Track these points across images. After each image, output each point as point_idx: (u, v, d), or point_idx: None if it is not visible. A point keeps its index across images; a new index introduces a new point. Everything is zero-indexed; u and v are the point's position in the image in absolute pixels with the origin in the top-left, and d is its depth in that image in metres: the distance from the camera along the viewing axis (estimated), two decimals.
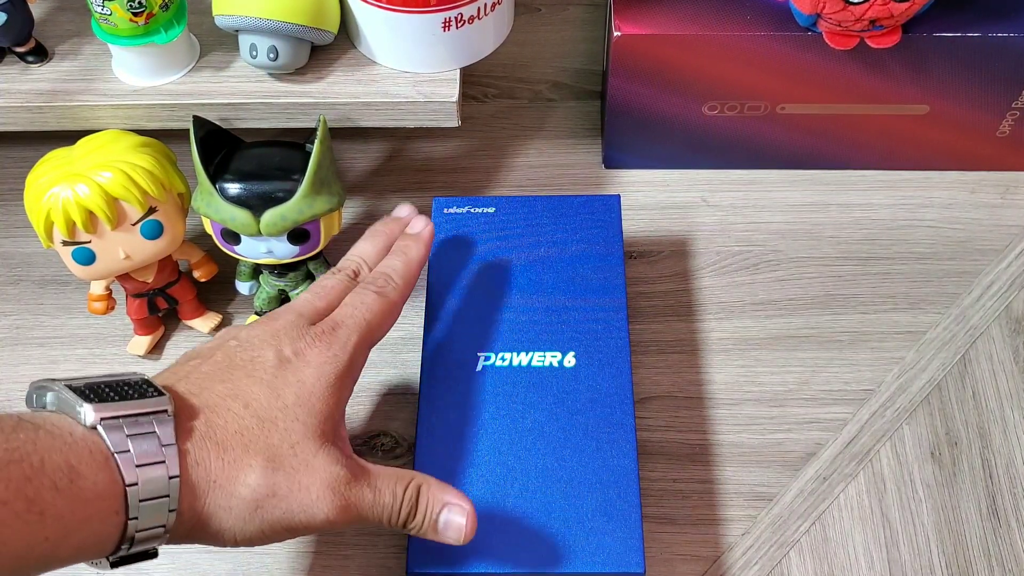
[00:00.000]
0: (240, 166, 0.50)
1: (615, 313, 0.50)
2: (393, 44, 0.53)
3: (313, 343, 0.41)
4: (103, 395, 0.35)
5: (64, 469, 0.32)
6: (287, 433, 0.38)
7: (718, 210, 0.62)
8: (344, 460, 0.39)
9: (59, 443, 0.33)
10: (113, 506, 0.34)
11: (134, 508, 0.34)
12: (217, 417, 0.38)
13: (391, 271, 0.46)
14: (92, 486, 0.33)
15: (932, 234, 0.61)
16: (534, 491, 0.44)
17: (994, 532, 0.49)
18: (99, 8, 0.49)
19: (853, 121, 0.60)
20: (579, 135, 0.66)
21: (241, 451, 0.37)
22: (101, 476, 0.33)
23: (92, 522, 0.33)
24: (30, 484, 0.31)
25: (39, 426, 0.33)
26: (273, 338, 0.41)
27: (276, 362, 0.40)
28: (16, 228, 0.62)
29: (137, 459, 0.34)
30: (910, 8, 0.51)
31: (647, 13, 0.56)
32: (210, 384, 0.39)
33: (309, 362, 0.40)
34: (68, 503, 0.32)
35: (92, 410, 0.34)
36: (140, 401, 0.36)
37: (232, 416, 0.38)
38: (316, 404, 0.39)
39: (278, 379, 0.39)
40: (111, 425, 0.34)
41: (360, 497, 0.39)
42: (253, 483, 0.37)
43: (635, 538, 0.43)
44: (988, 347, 0.56)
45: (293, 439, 0.38)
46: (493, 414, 0.47)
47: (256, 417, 0.38)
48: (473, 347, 0.49)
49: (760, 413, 0.54)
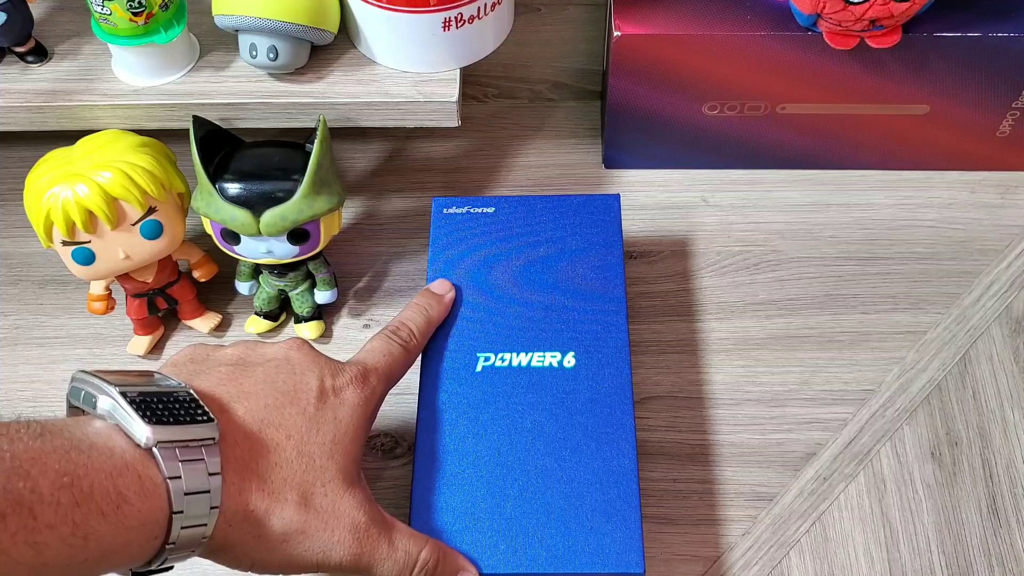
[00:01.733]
0: (240, 166, 0.50)
1: (615, 313, 0.50)
2: (393, 44, 0.53)
3: (350, 383, 0.42)
4: (158, 414, 0.35)
5: (113, 495, 0.33)
6: (321, 472, 0.39)
7: (718, 210, 0.62)
8: (367, 507, 0.40)
9: (109, 466, 0.33)
10: (154, 532, 0.34)
11: (175, 533, 0.35)
12: (260, 446, 0.38)
13: (415, 327, 0.48)
14: (137, 513, 0.33)
15: (932, 234, 0.61)
16: (534, 491, 0.44)
17: (994, 532, 0.49)
18: (99, 8, 0.49)
19: (853, 121, 0.60)
20: (579, 135, 0.66)
21: (279, 484, 0.38)
22: (148, 503, 0.34)
23: (132, 546, 0.34)
24: (78, 510, 0.32)
25: (92, 445, 0.33)
26: (316, 366, 0.42)
27: (318, 394, 0.41)
28: (16, 228, 0.62)
29: (187, 487, 0.35)
30: (910, 8, 0.51)
31: (647, 13, 0.56)
32: (253, 402, 0.39)
33: (345, 401, 0.42)
34: (112, 529, 0.32)
35: (148, 431, 0.34)
36: (191, 427, 0.36)
37: (274, 447, 0.39)
38: (348, 446, 0.41)
39: (319, 413, 0.41)
40: (164, 447, 0.35)
41: (376, 548, 0.40)
42: (287, 517, 0.38)
43: (635, 538, 0.43)
44: (988, 347, 0.56)
45: (325, 478, 0.39)
46: (493, 414, 0.47)
47: (296, 450, 0.39)
48: (473, 347, 0.49)
49: (760, 413, 0.54)
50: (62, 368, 0.56)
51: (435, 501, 0.44)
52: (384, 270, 0.60)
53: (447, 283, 0.50)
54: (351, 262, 0.60)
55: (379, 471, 0.52)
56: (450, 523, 0.44)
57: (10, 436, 0.32)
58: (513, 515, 0.44)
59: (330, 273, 0.56)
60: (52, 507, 0.31)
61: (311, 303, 0.56)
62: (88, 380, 0.36)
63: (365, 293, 0.59)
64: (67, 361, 0.56)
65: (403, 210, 0.63)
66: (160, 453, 0.34)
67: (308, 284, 0.56)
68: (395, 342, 0.46)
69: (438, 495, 0.44)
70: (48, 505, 0.31)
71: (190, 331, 0.58)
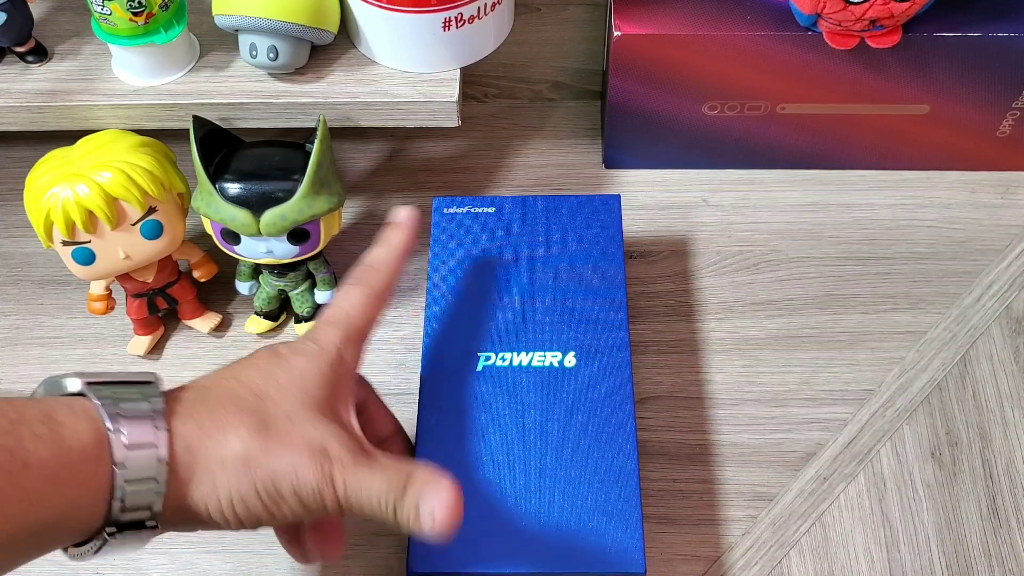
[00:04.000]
0: (240, 166, 0.50)
1: (615, 313, 0.50)
2: (393, 44, 0.53)
3: (302, 341, 0.41)
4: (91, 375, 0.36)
5: (42, 418, 0.32)
6: (281, 404, 0.38)
7: (718, 210, 0.62)
8: (344, 437, 0.38)
9: (41, 405, 0.33)
10: (97, 452, 0.33)
11: (120, 454, 0.33)
12: (210, 391, 0.38)
13: (372, 260, 0.45)
14: (73, 434, 0.33)
15: (932, 234, 0.61)
16: (534, 491, 0.44)
17: (994, 532, 0.49)
18: (99, 8, 0.49)
19: (853, 121, 0.60)
20: (579, 135, 0.66)
21: (235, 410, 0.37)
22: (83, 425, 0.33)
23: (80, 472, 0.33)
24: (8, 436, 0.31)
25: (22, 395, 0.34)
26: (268, 343, 0.42)
27: (269, 354, 0.40)
28: (16, 228, 0.62)
29: (121, 410, 0.34)
30: (910, 8, 0.51)
31: (647, 13, 0.56)
32: (204, 378, 0.39)
33: (298, 352, 0.40)
34: (50, 450, 0.32)
35: (78, 379, 0.35)
36: (127, 373, 0.37)
37: (225, 390, 0.38)
38: (309, 388, 0.39)
39: (271, 365, 0.40)
40: (96, 386, 0.35)
41: (352, 475, 0.37)
42: (244, 435, 0.36)
43: (635, 538, 0.43)
44: (988, 347, 0.56)
45: (287, 408, 0.38)
46: (493, 414, 0.47)
47: (250, 390, 0.38)
48: (473, 347, 0.49)
49: (760, 413, 0.54)
50: (62, 368, 0.56)
51: None
52: None
53: (406, 208, 0.47)
54: (351, 262, 0.59)
55: None
56: None
57: None
58: (514, 515, 0.44)
59: (330, 273, 0.56)
60: None
61: (311, 303, 0.56)
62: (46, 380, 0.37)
63: None
64: (67, 361, 0.56)
65: None
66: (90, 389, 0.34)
67: (308, 284, 0.56)
68: (348, 284, 0.44)
69: None
70: None
71: (190, 331, 0.58)
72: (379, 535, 0.50)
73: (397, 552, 0.49)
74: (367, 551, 0.49)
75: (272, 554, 0.49)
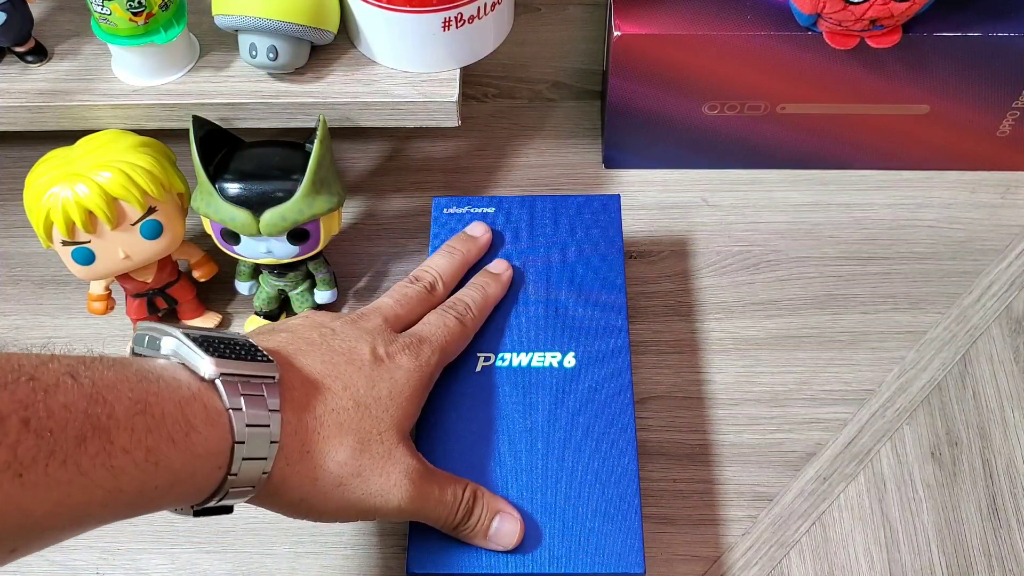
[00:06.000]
0: (240, 166, 0.50)
1: (615, 313, 0.50)
2: (393, 44, 0.53)
3: (403, 350, 0.43)
4: (219, 350, 0.36)
5: (181, 423, 0.34)
6: (377, 421, 0.41)
7: (718, 210, 0.62)
8: (418, 456, 0.42)
9: (177, 396, 0.34)
10: (218, 461, 0.35)
11: (236, 465, 0.35)
12: (318, 392, 0.40)
13: (471, 302, 0.48)
14: (204, 441, 0.34)
15: (932, 234, 0.61)
16: (534, 491, 0.44)
17: (994, 532, 0.49)
18: (99, 8, 0.49)
19: (853, 121, 0.60)
20: (579, 135, 0.66)
21: (335, 428, 0.39)
22: (214, 432, 0.35)
23: (198, 475, 0.35)
24: (151, 435, 0.33)
25: (160, 376, 0.35)
26: (368, 335, 0.43)
27: (372, 358, 0.42)
28: (16, 228, 0.62)
29: (248, 418, 0.36)
30: (910, 8, 0.51)
31: (647, 13, 0.56)
32: (312, 361, 0.41)
33: (400, 366, 0.43)
34: (181, 455, 0.33)
35: (212, 364, 0.35)
36: (252, 363, 0.37)
37: (331, 394, 0.40)
38: (403, 404, 0.42)
39: (375, 372, 0.42)
40: (228, 381, 0.36)
41: (429, 491, 0.41)
42: (342, 459, 0.39)
43: (635, 538, 0.43)
44: (988, 347, 0.56)
45: (382, 427, 0.41)
46: (493, 414, 0.47)
47: (353, 400, 0.40)
48: (473, 347, 0.49)
49: (760, 413, 0.54)
50: None
51: None
52: (384, 270, 0.60)
53: (504, 262, 0.51)
54: (351, 262, 0.60)
55: None
56: None
57: (87, 364, 0.33)
58: None
59: (330, 273, 0.56)
60: (127, 432, 0.32)
61: (311, 303, 0.56)
62: (152, 327, 0.38)
63: (365, 293, 0.59)
64: None
65: (403, 210, 0.63)
66: (223, 385, 0.36)
67: (308, 284, 0.56)
68: (450, 315, 0.47)
69: None
70: (124, 430, 0.32)
71: None
72: (379, 535, 0.50)
73: (397, 552, 0.49)
74: (366, 551, 0.49)
75: (272, 554, 0.49)
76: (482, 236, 0.52)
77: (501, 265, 0.51)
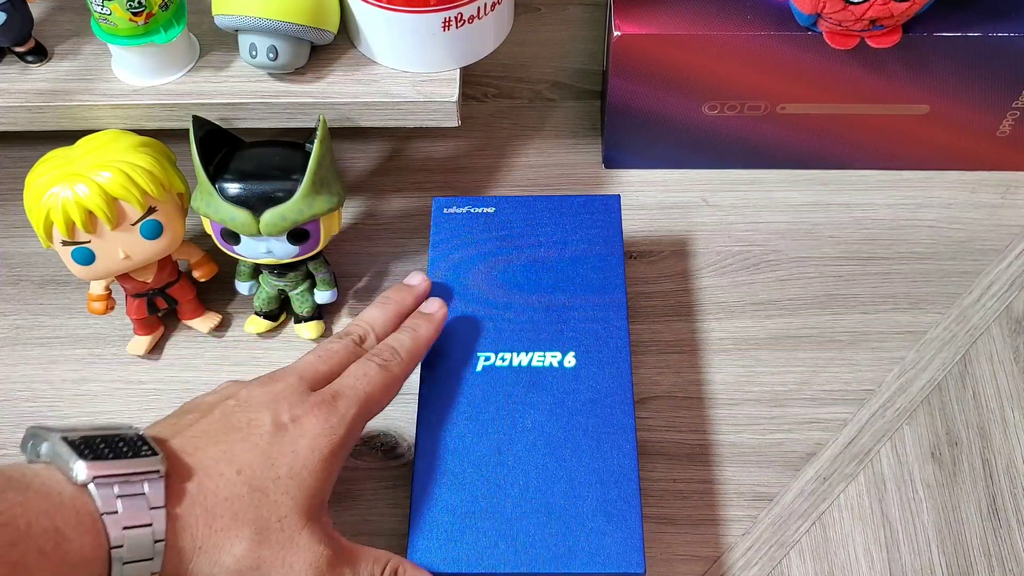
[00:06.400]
0: (240, 166, 0.50)
1: (615, 313, 0.50)
2: (393, 44, 0.53)
3: (311, 411, 0.41)
4: (97, 451, 0.35)
5: (51, 532, 0.33)
6: (276, 507, 0.38)
7: (718, 210, 0.62)
8: (327, 540, 0.39)
9: (47, 504, 0.33)
10: (97, 569, 0.34)
11: (116, 569, 0.34)
12: (209, 481, 0.38)
13: (398, 345, 0.45)
14: (78, 549, 0.33)
15: (932, 234, 0.61)
16: (534, 491, 0.44)
17: (994, 532, 0.49)
18: (99, 8, 0.49)
19: (853, 121, 0.60)
20: (579, 135, 0.66)
21: (230, 519, 0.37)
22: (87, 539, 0.34)
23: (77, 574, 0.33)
24: (15, 549, 0.31)
25: (28, 485, 0.34)
26: (272, 402, 0.41)
27: (272, 428, 0.40)
28: (16, 228, 0.62)
29: (124, 521, 0.34)
30: (910, 8, 0.51)
31: (647, 13, 0.56)
32: (205, 444, 0.39)
33: (305, 432, 0.40)
34: (53, 567, 0.32)
35: (85, 467, 0.34)
36: (133, 460, 0.36)
37: (224, 482, 0.38)
38: (307, 479, 0.39)
39: (273, 447, 0.39)
40: (102, 483, 0.35)
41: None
42: (239, 553, 0.37)
43: (635, 538, 0.43)
44: (988, 347, 0.56)
45: (281, 513, 0.38)
46: (493, 414, 0.47)
47: (248, 485, 0.38)
48: (473, 347, 0.49)
49: (760, 413, 0.54)
50: (62, 368, 0.56)
51: (435, 501, 0.44)
52: (384, 270, 0.60)
53: (438, 300, 0.49)
54: (351, 262, 0.60)
55: (379, 471, 0.52)
56: (450, 523, 0.44)
57: None
58: (513, 515, 0.44)
59: (330, 273, 0.56)
60: None
61: (311, 303, 0.56)
62: (35, 431, 0.37)
63: (365, 293, 0.59)
64: (67, 361, 0.56)
65: (403, 210, 0.63)
66: (96, 489, 0.34)
67: (308, 284, 0.56)
68: (373, 363, 0.44)
69: (438, 495, 0.44)
70: None
71: (190, 331, 0.58)
72: (377, 536, 0.50)
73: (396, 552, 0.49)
74: None
75: None
76: (419, 285, 0.50)
77: (434, 304, 0.48)
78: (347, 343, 0.45)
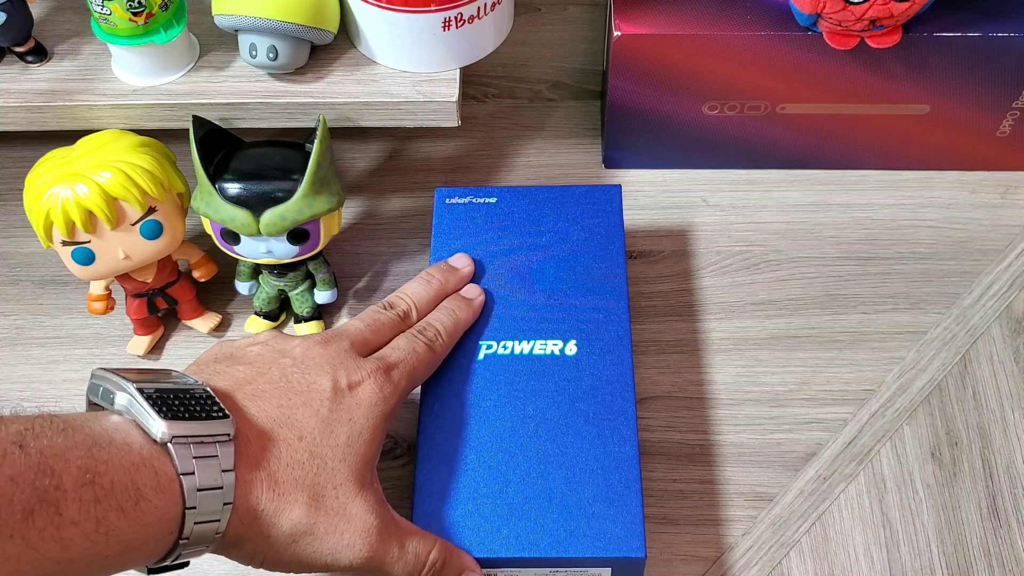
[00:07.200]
0: (240, 166, 0.50)
1: (616, 302, 0.50)
2: (393, 44, 0.53)
3: (368, 378, 0.42)
4: (174, 409, 0.36)
5: (131, 491, 0.33)
6: (333, 474, 0.39)
7: (718, 210, 0.62)
8: (378, 509, 0.40)
9: (127, 462, 0.34)
10: (169, 527, 0.35)
11: (188, 529, 0.35)
12: (273, 446, 0.39)
13: (441, 327, 0.47)
14: (154, 509, 0.34)
15: (932, 234, 0.61)
16: (535, 478, 0.44)
17: (994, 532, 0.49)
18: (99, 8, 0.49)
19: (853, 121, 0.60)
20: (579, 135, 0.67)
21: (291, 485, 0.38)
22: (164, 499, 0.34)
23: (149, 542, 0.34)
24: (100, 506, 0.32)
25: (112, 440, 0.34)
26: (330, 365, 0.42)
27: (332, 393, 0.41)
28: (16, 228, 0.62)
29: (199, 482, 0.35)
30: (910, 8, 0.51)
31: (647, 13, 0.56)
32: (267, 404, 0.40)
33: (361, 400, 0.41)
34: (131, 524, 0.33)
35: (164, 426, 0.35)
36: (207, 423, 0.36)
37: (287, 447, 0.39)
38: (362, 447, 0.41)
39: (332, 414, 0.40)
40: (180, 443, 0.35)
41: (386, 551, 0.40)
42: (295, 518, 0.38)
43: (636, 523, 0.43)
44: (988, 347, 0.56)
45: (337, 480, 0.39)
46: (495, 402, 0.47)
47: (308, 452, 0.39)
48: (475, 335, 0.49)
49: (760, 413, 0.54)
50: (62, 368, 0.56)
51: (438, 487, 0.44)
52: (384, 270, 0.60)
53: (477, 287, 0.50)
54: (351, 262, 0.60)
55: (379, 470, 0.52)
56: (453, 509, 0.44)
57: (35, 431, 0.32)
58: (515, 501, 0.44)
59: (330, 273, 0.56)
60: (76, 503, 0.32)
61: (311, 303, 0.56)
62: (106, 377, 0.37)
63: (365, 293, 0.59)
64: (67, 361, 0.56)
65: (403, 210, 0.63)
66: (175, 449, 0.35)
67: (308, 284, 0.56)
68: (420, 340, 0.46)
69: (441, 481, 0.44)
70: (72, 502, 0.31)
71: (190, 331, 0.58)
72: None
73: None
74: None
75: None
76: (464, 268, 0.50)
77: (474, 291, 0.50)
78: (393, 316, 0.47)
